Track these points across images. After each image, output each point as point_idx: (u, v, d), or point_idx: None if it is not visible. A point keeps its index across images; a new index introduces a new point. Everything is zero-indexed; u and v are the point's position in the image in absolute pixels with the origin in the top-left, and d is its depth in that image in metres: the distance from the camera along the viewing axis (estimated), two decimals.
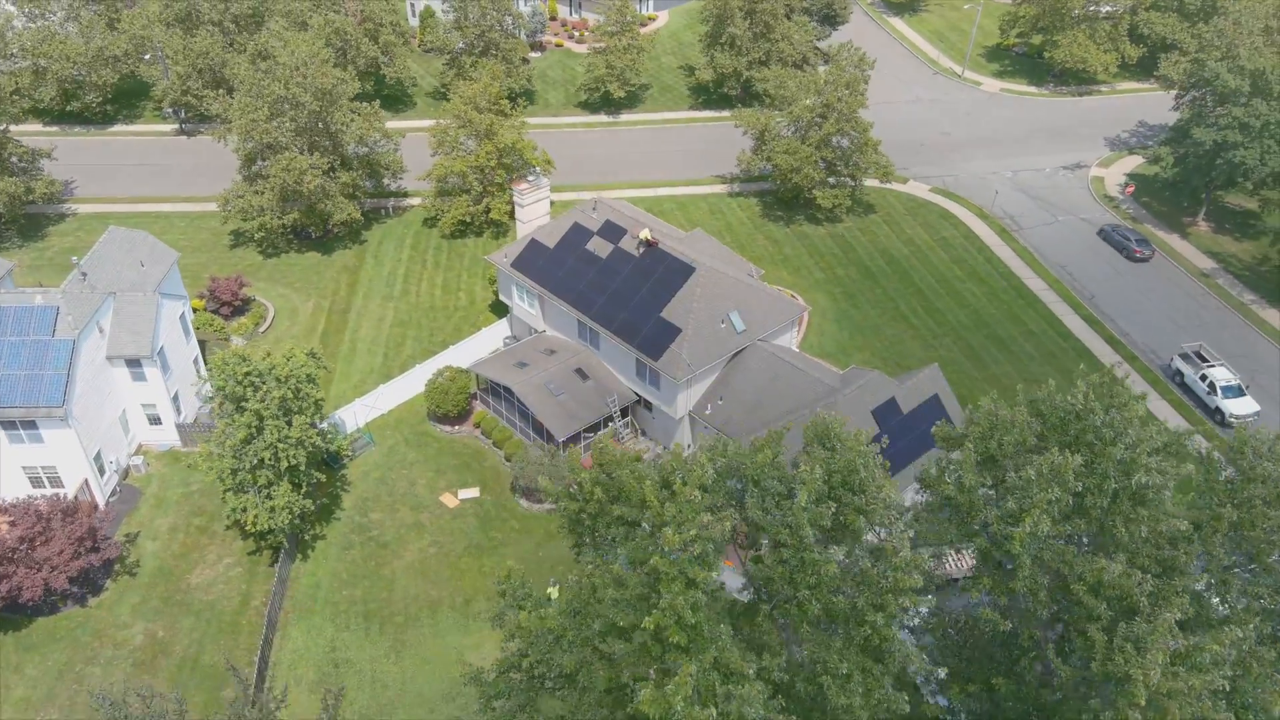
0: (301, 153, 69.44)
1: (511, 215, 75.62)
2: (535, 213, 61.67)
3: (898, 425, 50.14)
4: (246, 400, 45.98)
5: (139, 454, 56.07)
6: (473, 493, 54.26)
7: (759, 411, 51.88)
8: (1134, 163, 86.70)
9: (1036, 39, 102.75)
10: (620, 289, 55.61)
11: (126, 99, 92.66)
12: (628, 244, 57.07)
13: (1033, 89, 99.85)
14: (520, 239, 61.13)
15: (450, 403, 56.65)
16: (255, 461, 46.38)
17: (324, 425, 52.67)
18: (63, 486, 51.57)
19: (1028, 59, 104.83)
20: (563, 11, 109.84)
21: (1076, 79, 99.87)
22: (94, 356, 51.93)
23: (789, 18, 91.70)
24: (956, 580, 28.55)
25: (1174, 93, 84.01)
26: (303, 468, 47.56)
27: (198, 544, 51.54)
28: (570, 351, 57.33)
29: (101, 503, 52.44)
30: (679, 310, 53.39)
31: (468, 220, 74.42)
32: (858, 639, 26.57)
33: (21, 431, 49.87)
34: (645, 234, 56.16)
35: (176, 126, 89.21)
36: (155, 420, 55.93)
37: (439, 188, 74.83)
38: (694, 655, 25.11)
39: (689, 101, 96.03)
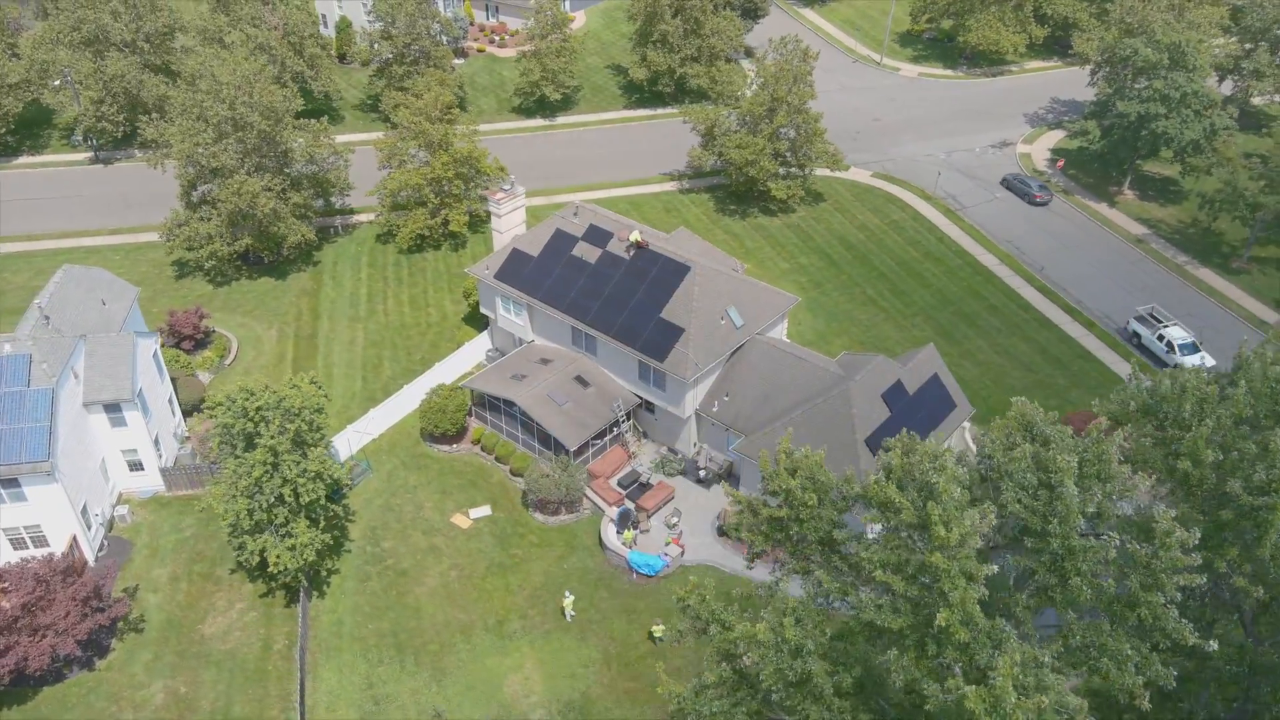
0: (251, 174, 66.60)
1: (471, 227, 74.52)
2: (512, 222, 60.72)
3: (906, 407, 51.34)
4: (259, 436, 43.95)
5: (122, 503, 53.00)
6: (484, 511, 53.19)
7: (767, 405, 52.39)
8: (1056, 137, 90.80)
9: (946, 24, 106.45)
10: (615, 293, 55.28)
11: (29, 128, 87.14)
12: (615, 247, 56.78)
13: (948, 72, 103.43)
14: (500, 249, 60.13)
15: (449, 421, 55.36)
16: (273, 499, 44.40)
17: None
18: (48, 546, 48.35)
19: (938, 43, 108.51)
20: (479, 16, 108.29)
21: (987, 60, 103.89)
22: (71, 404, 48.83)
23: (716, 12, 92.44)
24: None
25: (1089, 68, 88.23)
26: (322, 502, 45.78)
27: (204, 592, 49.05)
28: (566, 360, 56.71)
29: (91, 558, 49.39)
30: (679, 310, 53.43)
31: (425, 234, 72.73)
32: (1130, 620, 27.06)
33: (2, 491, 46.51)
34: (635, 236, 55.98)
35: (90, 155, 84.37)
36: (136, 466, 52.93)
37: (393, 202, 72.93)
38: (978, 651, 25.17)
39: (623, 101, 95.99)
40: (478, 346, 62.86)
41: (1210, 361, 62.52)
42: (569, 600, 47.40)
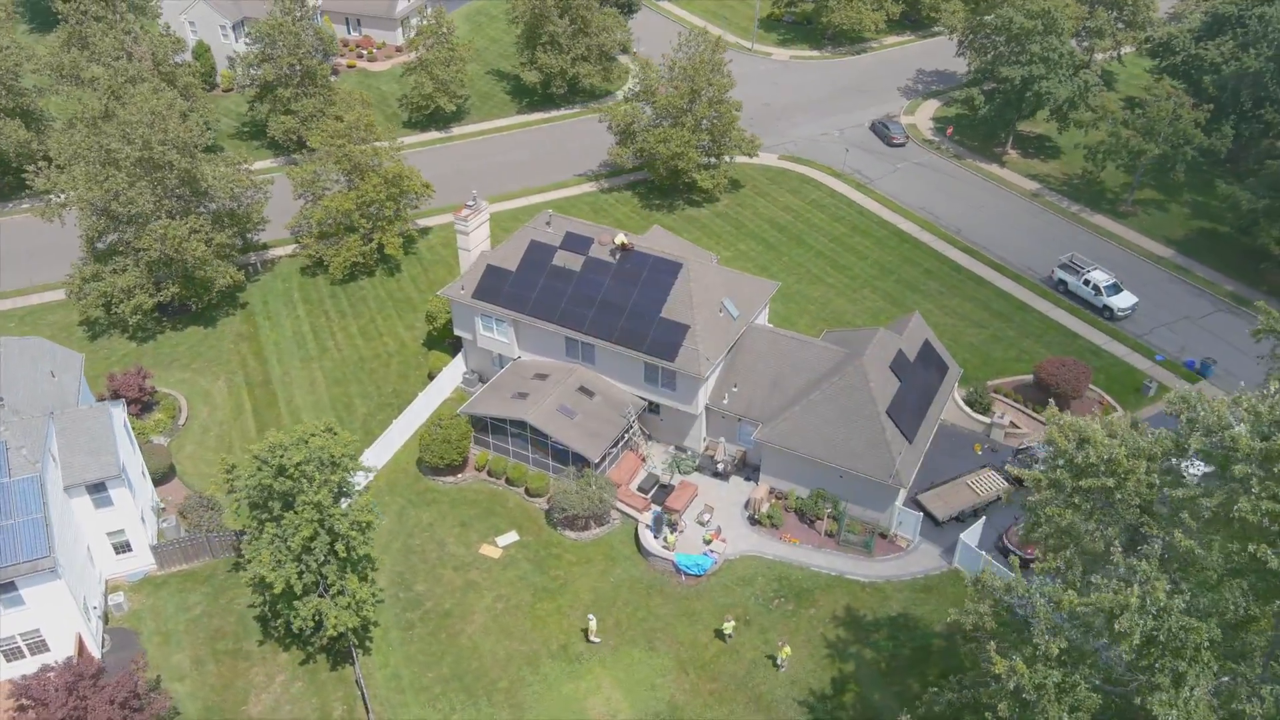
0: (173, 218, 61.45)
1: (405, 249, 71.65)
2: (479, 238, 58.60)
3: (911, 375, 53.37)
4: (302, 492, 40.87)
5: (113, 590, 48.06)
6: (512, 537, 51.50)
7: (778, 390, 53.18)
8: (934, 107, 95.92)
9: (806, 7, 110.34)
10: (608, 298, 54.55)
11: None
12: (598, 252, 56.00)
13: (815, 53, 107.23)
14: (471, 268, 58.06)
15: (454, 451, 53.17)
16: (322, 559, 41.46)
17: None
18: (48, 651, 43.29)
19: (798, 26, 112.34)
20: (340, 31, 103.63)
21: (849, 39, 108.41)
22: (54, 490, 43.79)
23: (601, 9, 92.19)
24: None
25: (955, 39, 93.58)
26: (373, 554, 43.09)
27: (236, 670, 45.24)
28: (563, 372, 55.55)
29: (98, 656, 44.56)
30: (679, 307, 53.34)
31: (360, 261, 69.27)
32: None
33: None
34: (620, 239, 55.39)
35: None
36: (124, 548, 48.12)
37: (320, 231, 69.05)
38: None
39: (515, 106, 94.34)
40: (455, 371, 60.55)
41: (1133, 299, 67.92)
42: (593, 623, 46.41)
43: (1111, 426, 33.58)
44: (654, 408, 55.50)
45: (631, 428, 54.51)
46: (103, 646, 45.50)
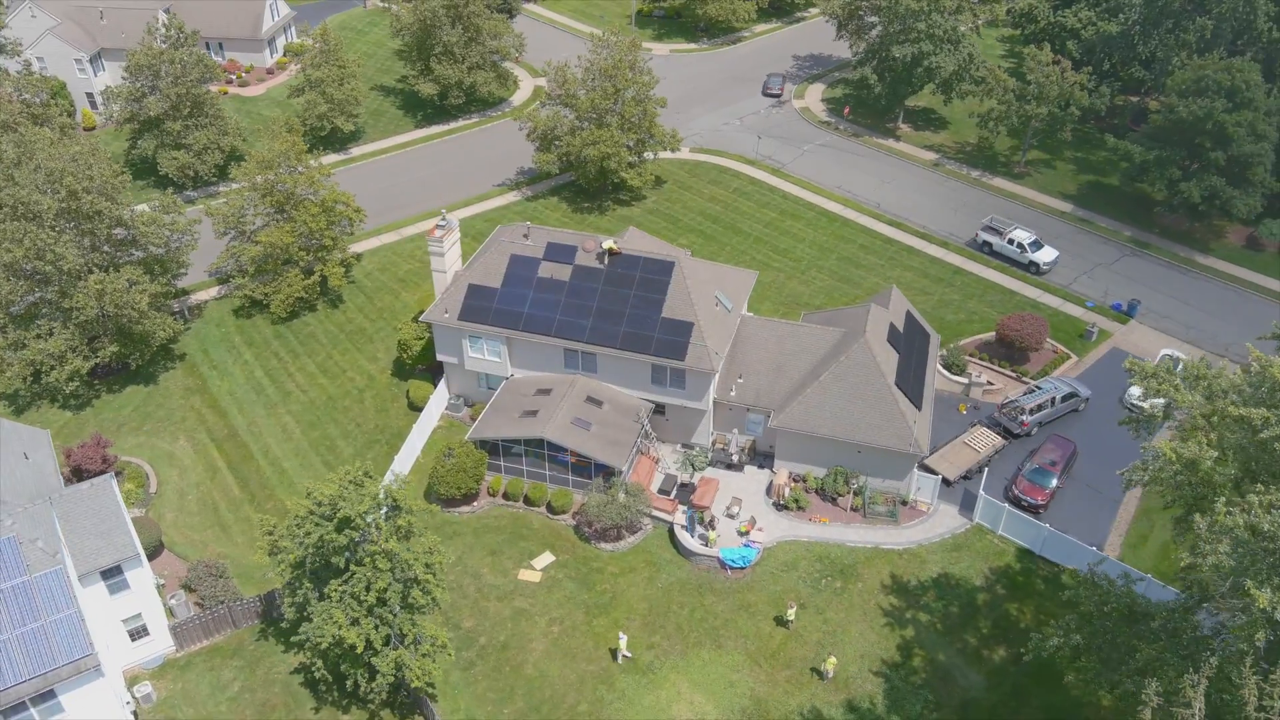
0: (105, 270, 56.33)
1: (348, 278, 68.39)
2: (453, 258, 56.50)
3: (905, 346, 55.42)
4: (370, 542, 38.57)
5: (137, 681, 43.83)
6: (548, 559, 50.26)
7: (783, 376, 54.12)
8: (820, 89, 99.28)
9: (676, 1, 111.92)
10: (604, 305, 53.92)
11: None
12: (584, 259, 55.25)
13: (693, 46, 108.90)
14: (449, 289, 56.01)
15: (470, 479, 51.34)
16: (397, 609, 39.30)
17: None
18: None
19: (669, 20, 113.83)
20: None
21: (722, 30, 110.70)
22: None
23: (491, 15, 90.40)
24: None
25: (831, 22, 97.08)
26: (447, 596, 41.14)
27: None
28: (564, 384, 54.53)
29: None
30: (680, 305, 53.37)
31: (303, 296, 65.53)
32: None
33: (33, 711, 36.96)
34: (608, 244, 54.81)
35: None
36: (140, 633, 44.01)
37: (256, 268, 64.88)
38: None
39: (412, 121, 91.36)
40: (440, 399, 58.30)
41: (1055, 253, 72.76)
42: (623, 641, 45.69)
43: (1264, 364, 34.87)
44: (659, 409, 55.32)
45: (646, 431, 54.16)
46: None
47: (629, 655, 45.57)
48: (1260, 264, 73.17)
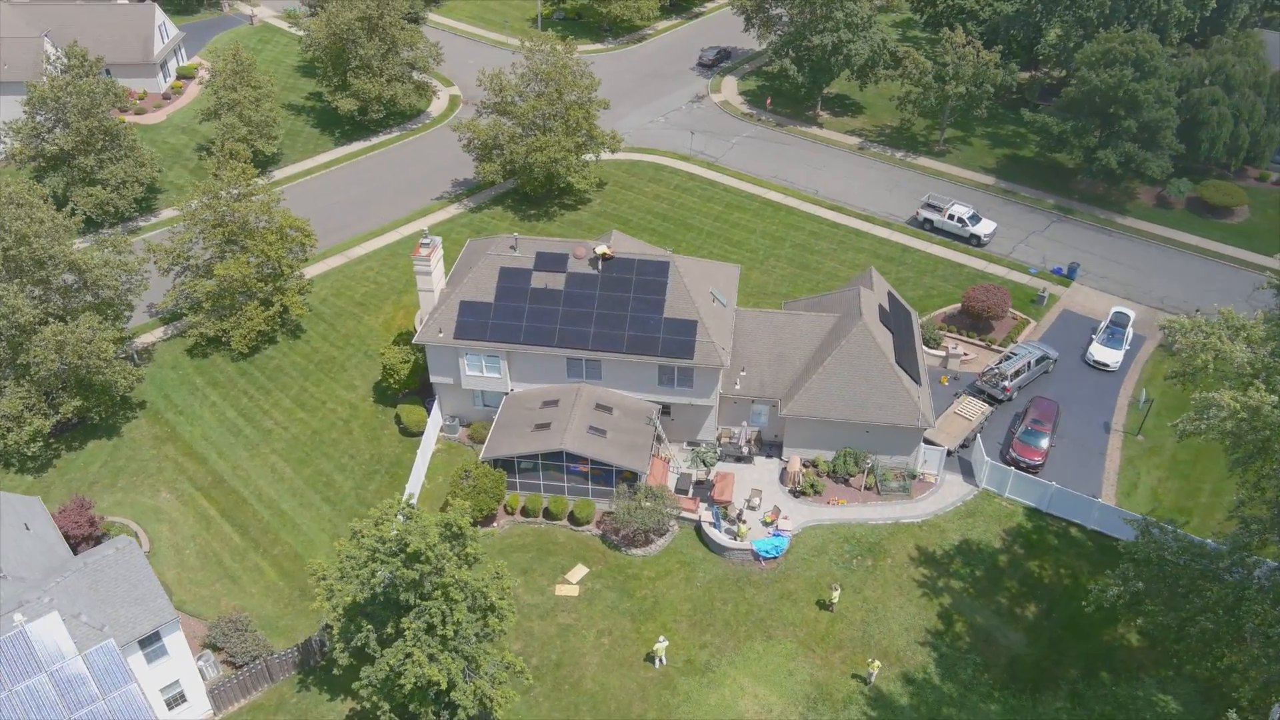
0: (61, 320, 52.31)
1: (306, 306, 65.45)
2: (438, 275, 54.78)
3: (896, 325, 57.02)
4: (440, 574, 37.22)
5: None
6: (582, 571, 49.56)
7: (786, 366, 54.90)
8: (734, 83, 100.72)
9: (576, 2, 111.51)
10: (604, 310, 53.44)
11: None
12: (578, 266, 54.61)
13: (599, 46, 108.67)
14: (438, 308, 54.37)
15: (491, 500, 50.14)
16: (473, 639, 38.08)
17: None
18: None
19: (570, 21, 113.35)
20: None
21: (625, 29, 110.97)
22: None
23: (404, 27, 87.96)
24: None
25: (740, 15, 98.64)
26: (515, 618, 40.05)
27: None
28: (570, 394, 53.79)
29: None
30: (681, 304, 53.39)
31: (264, 329, 62.42)
32: None
33: None
34: (603, 249, 54.28)
35: None
36: (178, 700, 41.20)
37: (214, 304, 61.43)
38: None
39: (331, 139, 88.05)
40: (435, 423, 56.55)
41: (993, 224, 76.09)
42: (661, 645, 45.41)
43: None
44: (665, 409, 55.21)
45: (659, 434, 54.01)
46: None
47: (664, 661, 45.33)
48: (1172, 220, 78.42)
